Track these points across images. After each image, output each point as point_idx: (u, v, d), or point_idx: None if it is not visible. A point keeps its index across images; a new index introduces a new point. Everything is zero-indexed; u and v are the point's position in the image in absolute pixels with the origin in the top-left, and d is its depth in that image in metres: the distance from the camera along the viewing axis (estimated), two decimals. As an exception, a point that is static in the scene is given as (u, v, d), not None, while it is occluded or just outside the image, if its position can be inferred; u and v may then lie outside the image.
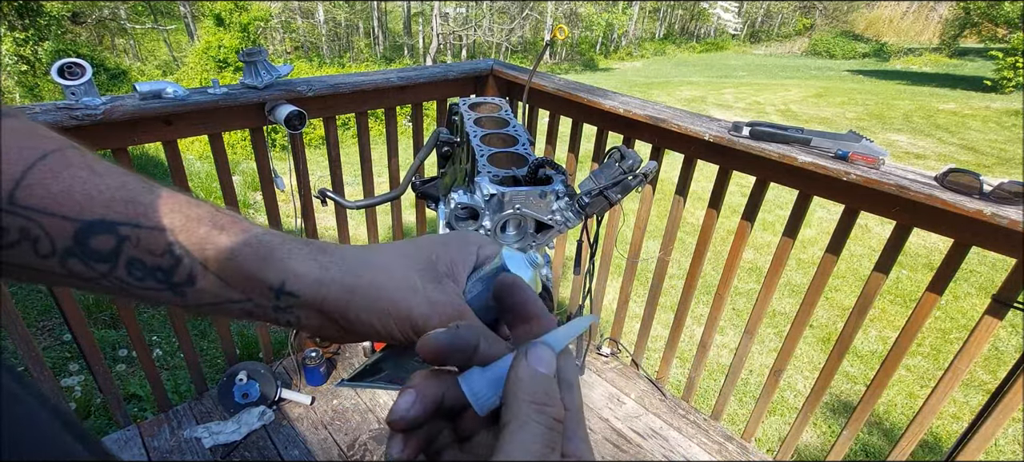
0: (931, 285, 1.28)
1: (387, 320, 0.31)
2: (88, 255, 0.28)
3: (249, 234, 0.31)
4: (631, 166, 1.14)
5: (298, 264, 0.31)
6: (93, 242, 0.28)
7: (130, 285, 0.30)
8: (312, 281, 0.31)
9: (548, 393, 0.25)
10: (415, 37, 24.85)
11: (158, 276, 0.30)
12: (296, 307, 0.31)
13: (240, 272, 0.30)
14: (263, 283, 0.30)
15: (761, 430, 2.66)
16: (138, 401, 2.49)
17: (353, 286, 0.31)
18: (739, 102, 12.96)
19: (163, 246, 0.29)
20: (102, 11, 17.88)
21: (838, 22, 38.31)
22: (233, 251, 0.30)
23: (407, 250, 0.34)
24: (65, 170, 0.28)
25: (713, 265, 4.21)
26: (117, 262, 0.29)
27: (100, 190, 0.28)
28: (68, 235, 0.28)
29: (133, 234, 0.29)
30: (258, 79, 1.50)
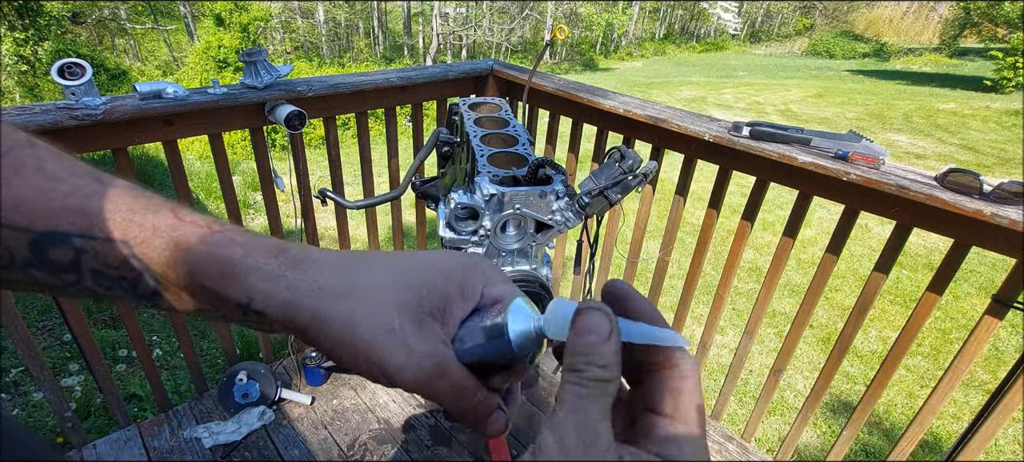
0: (931, 285, 1.28)
1: (357, 359, 0.28)
2: (48, 266, 0.27)
3: (210, 246, 0.28)
4: (631, 166, 1.14)
5: (263, 282, 0.28)
6: (50, 254, 0.27)
7: (102, 294, 0.28)
8: (280, 302, 0.28)
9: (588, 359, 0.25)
10: (415, 37, 24.85)
11: (124, 286, 0.28)
12: (267, 323, 0.29)
13: (203, 288, 0.28)
14: (228, 300, 0.28)
15: (761, 430, 2.66)
16: (138, 401, 2.49)
17: (324, 316, 0.28)
18: (739, 102, 12.96)
19: (119, 259, 0.27)
20: (102, 11, 17.88)
21: (838, 22, 38.31)
22: (193, 268, 0.28)
23: (397, 275, 0.30)
24: (15, 176, 0.26)
25: (713, 265, 4.22)
26: (81, 273, 0.27)
27: (50, 198, 0.27)
28: (23, 246, 0.26)
29: (88, 246, 0.27)
30: (258, 79, 1.50)
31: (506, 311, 0.29)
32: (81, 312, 1.53)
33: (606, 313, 0.26)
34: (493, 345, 0.30)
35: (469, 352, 0.30)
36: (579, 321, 0.26)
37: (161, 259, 0.28)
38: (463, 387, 0.30)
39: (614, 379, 0.25)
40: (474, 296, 0.31)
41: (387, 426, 1.83)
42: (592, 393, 0.24)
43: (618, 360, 0.25)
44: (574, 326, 0.26)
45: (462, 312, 0.31)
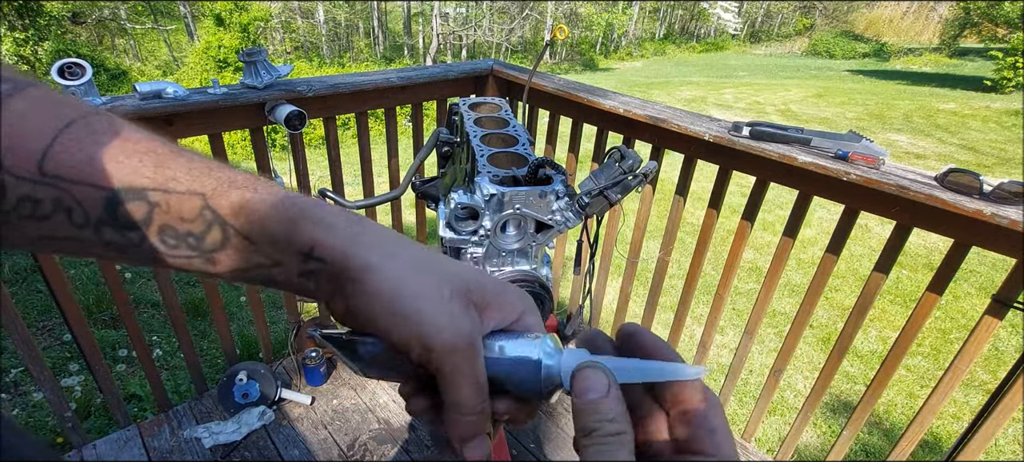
0: (931, 285, 1.28)
1: (395, 316, 0.29)
2: (120, 224, 0.28)
3: (281, 196, 0.30)
4: (631, 166, 1.14)
5: (326, 231, 0.29)
6: (123, 209, 0.28)
7: (163, 253, 0.29)
8: (339, 251, 0.29)
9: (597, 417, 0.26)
10: (415, 37, 24.85)
11: (190, 242, 0.29)
12: (320, 274, 0.30)
13: (270, 234, 0.29)
14: (292, 245, 0.29)
15: (761, 430, 2.66)
16: (138, 401, 2.49)
17: (378, 267, 0.29)
18: (739, 102, 12.96)
19: (195, 210, 0.28)
20: (102, 11, 17.88)
21: (838, 22, 38.31)
22: (265, 214, 0.29)
23: (449, 261, 0.32)
24: (89, 137, 0.27)
25: (713, 265, 4.21)
26: (149, 229, 0.28)
27: (127, 154, 0.28)
28: (99, 204, 0.27)
29: (163, 200, 0.28)
30: (258, 79, 1.50)
31: (540, 348, 0.30)
32: (81, 312, 1.53)
33: (600, 369, 0.27)
34: (520, 371, 0.30)
35: (496, 365, 0.30)
36: (577, 383, 0.27)
37: (232, 209, 0.29)
38: (481, 380, 0.30)
39: (626, 430, 0.26)
40: (511, 314, 0.32)
41: (387, 426, 1.83)
42: (611, 448, 0.26)
43: (624, 410, 0.26)
44: (573, 388, 0.27)
45: (496, 322, 0.31)
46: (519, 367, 0.30)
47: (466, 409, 0.29)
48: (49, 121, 0.27)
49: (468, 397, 0.29)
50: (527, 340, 0.30)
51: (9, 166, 0.26)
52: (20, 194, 0.27)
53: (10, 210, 0.27)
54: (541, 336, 0.30)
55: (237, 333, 3.15)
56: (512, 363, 0.30)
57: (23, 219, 0.27)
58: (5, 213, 0.27)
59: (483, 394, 0.30)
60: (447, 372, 0.29)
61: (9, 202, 0.27)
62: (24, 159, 0.26)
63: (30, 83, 0.28)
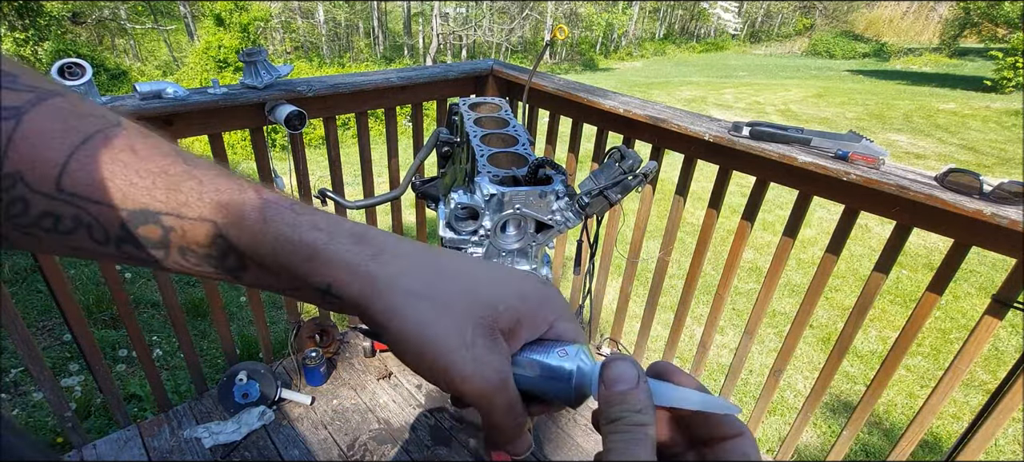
0: (931, 285, 1.28)
1: (422, 360, 0.29)
2: (139, 243, 0.28)
3: (295, 230, 0.29)
4: (631, 166, 1.14)
5: (342, 271, 0.29)
6: (141, 231, 0.28)
7: (188, 268, 0.30)
8: (356, 292, 0.29)
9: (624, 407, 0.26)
10: (415, 37, 24.85)
11: (211, 262, 0.30)
12: (343, 307, 0.30)
13: (285, 270, 0.29)
14: (308, 282, 0.29)
15: (761, 430, 2.65)
16: (138, 401, 2.49)
17: (398, 312, 0.28)
18: (739, 102, 12.96)
19: (209, 237, 0.29)
20: (102, 11, 17.88)
21: (838, 22, 38.31)
22: (277, 250, 0.29)
23: (478, 290, 0.30)
24: (107, 154, 0.27)
25: (713, 265, 4.21)
26: (169, 249, 0.29)
27: (141, 175, 0.28)
28: (117, 223, 0.28)
29: (177, 225, 0.28)
30: (258, 79, 1.50)
31: (574, 359, 0.30)
32: (81, 312, 1.53)
33: (631, 361, 0.28)
34: (553, 386, 0.30)
35: (528, 381, 0.30)
36: (607, 373, 0.27)
37: (247, 240, 0.29)
38: (515, 406, 0.30)
39: (651, 423, 0.26)
40: (543, 326, 0.32)
41: (387, 426, 1.83)
42: (635, 437, 0.26)
43: (651, 404, 0.27)
44: (603, 378, 0.28)
45: (528, 336, 0.31)
46: (550, 382, 0.30)
47: (503, 432, 0.30)
48: (68, 136, 0.27)
49: (503, 423, 0.30)
50: (558, 352, 0.30)
51: (29, 181, 0.26)
52: (41, 209, 0.27)
53: (33, 224, 0.27)
54: (574, 346, 0.30)
55: (237, 333, 3.15)
56: (543, 379, 0.30)
57: (47, 233, 0.27)
58: (29, 227, 0.27)
59: (517, 414, 0.30)
60: (479, 409, 0.30)
61: (31, 217, 0.27)
62: (43, 175, 0.26)
63: (54, 92, 0.28)
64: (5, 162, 0.26)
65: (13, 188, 0.26)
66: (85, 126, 0.28)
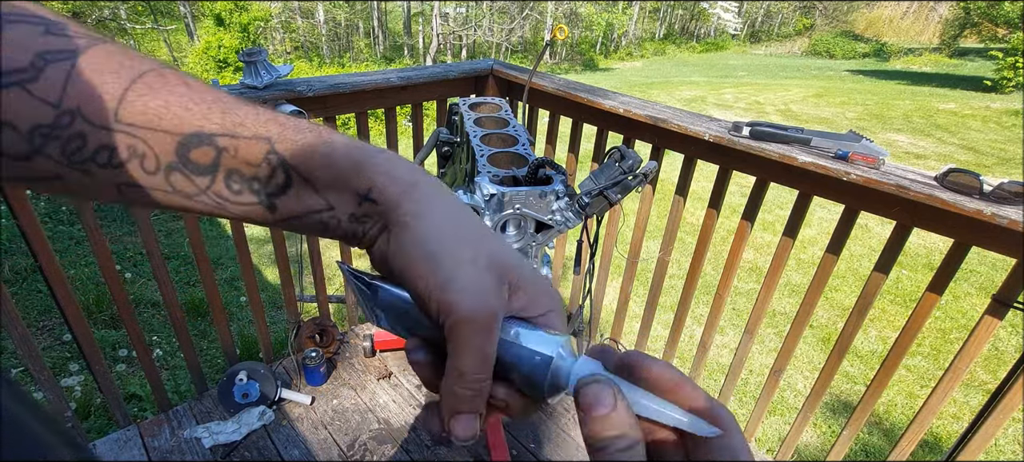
0: (931, 285, 1.28)
1: (429, 264, 0.29)
2: (190, 168, 0.29)
3: (341, 142, 0.31)
4: (631, 166, 1.14)
5: (386, 178, 0.31)
6: (193, 154, 0.29)
7: (227, 199, 0.30)
8: (395, 196, 0.30)
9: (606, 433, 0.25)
10: (415, 37, 24.85)
11: (254, 186, 0.30)
12: (371, 216, 0.31)
13: (331, 177, 0.30)
14: (351, 187, 0.31)
15: (761, 430, 2.66)
16: (138, 401, 2.49)
17: (427, 215, 0.30)
18: (739, 102, 12.97)
19: (260, 155, 0.30)
20: (102, 11, 17.88)
21: (838, 22, 38.33)
22: (328, 157, 0.30)
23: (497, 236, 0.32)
24: (162, 86, 0.29)
25: (713, 265, 4.22)
26: (216, 174, 0.30)
27: (197, 102, 0.29)
28: (170, 149, 0.29)
29: (231, 144, 0.29)
30: (258, 79, 1.50)
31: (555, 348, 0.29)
32: (81, 312, 1.53)
33: (605, 382, 0.26)
34: (531, 366, 0.29)
35: (509, 348, 0.30)
36: (582, 399, 0.26)
37: (297, 152, 0.30)
38: (488, 357, 0.29)
39: (637, 442, 0.25)
40: (538, 308, 0.31)
41: (387, 426, 1.83)
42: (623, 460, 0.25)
43: (633, 421, 0.26)
44: (578, 403, 0.26)
45: (523, 309, 0.31)
46: (530, 359, 0.29)
47: (466, 379, 0.29)
48: (123, 72, 0.28)
49: (471, 367, 0.29)
50: (544, 335, 0.30)
51: (88, 115, 0.27)
52: (98, 143, 0.28)
53: (89, 159, 0.28)
54: (561, 336, 0.30)
55: (237, 333, 3.15)
56: (524, 352, 0.29)
57: (100, 167, 0.29)
58: (85, 163, 0.28)
59: (487, 370, 0.29)
60: (458, 337, 0.28)
61: (88, 151, 0.28)
62: (100, 108, 0.28)
63: (104, 39, 0.29)
64: (64, 100, 0.27)
65: (72, 124, 0.27)
66: (138, 65, 0.29)
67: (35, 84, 0.26)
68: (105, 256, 1.51)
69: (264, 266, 4.22)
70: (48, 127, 0.27)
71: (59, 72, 0.27)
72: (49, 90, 0.27)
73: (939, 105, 12.55)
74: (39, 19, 0.28)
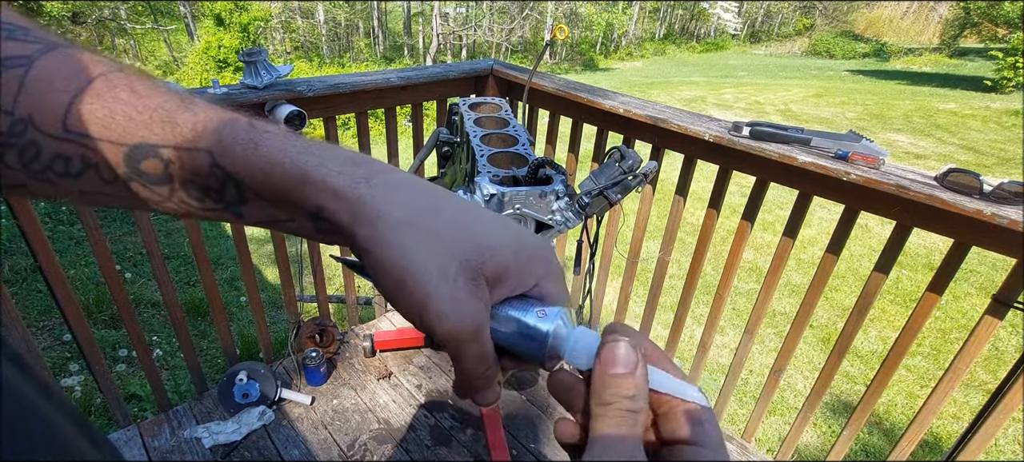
0: (931, 285, 1.28)
1: (400, 291, 0.28)
2: (144, 178, 0.29)
3: (284, 154, 0.29)
4: (631, 166, 1.14)
5: (332, 195, 0.28)
6: (143, 165, 0.28)
7: (194, 206, 0.30)
8: (346, 217, 0.28)
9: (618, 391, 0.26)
10: (415, 37, 24.85)
11: (213, 196, 0.30)
12: (332, 231, 0.30)
13: (278, 195, 0.29)
14: (301, 208, 0.29)
15: (761, 430, 2.66)
16: (138, 401, 2.49)
17: (384, 237, 0.28)
18: (739, 102, 12.97)
19: (206, 166, 0.29)
20: (102, 11, 17.87)
21: (838, 22, 38.33)
22: (269, 173, 0.28)
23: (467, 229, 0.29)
24: (108, 93, 0.28)
25: (713, 265, 4.21)
26: (172, 184, 0.29)
27: (139, 111, 0.28)
28: (121, 161, 0.28)
29: (175, 156, 0.28)
30: (258, 79, 1.50)
31: (551, 321, 0.29)
32: (81, 312, 1.53)
33: (632, 344, 0.27)
34: (526, 344, 0.30)
35: (503, 336, 0.30)
36: (606, 353, 0.27)
37: (240, 166, 0.29)
38: (487, 357, 0.30)
39: (644, 409, 0.26)
40: (529, 281, 0.31)
41: (387, 426, 1.83)
42: (626, 423, 0.25)
43: (647, 390, 0.26)
44: (600, 357, 0.27)
45: (512, 289, 0.30)
46: (524, 340, 0.30)
47: (472, 378, 0.30)
48: (73, 80, 0.28)
49: (473, 369, 0.30)
50: (537, 312, 0.30)
51: (39, 124, 0.27)
52: (52, 153, 0.28)
53: (46, 168, 0.28)
54: (555, 308, 0.30)
55: (237, 333, 3.15)
56: (517, 337, 0.30)
57: (59, 177, 0.28)
58: (44, 172, 0.28)
59: (488, 362, 0.30)
60: (450, 350, 0.29)
61: (43, 161, 0.28)
62: (50, 117, 0.27)
63: (63, 43, 0.29)
64: (17, 108, 0.27)
65: (25, 133, 0.27)
66: (92, 70, 0.28)
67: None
68: (105, 256, 1.51)
69: (264, 266, 4.22)
70: (4, 135, 0.27)
71: (13, 79, 0.27)
72: (4, 97, 0.27)
73: (939, 105, 12.55)
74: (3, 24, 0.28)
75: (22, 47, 0.28)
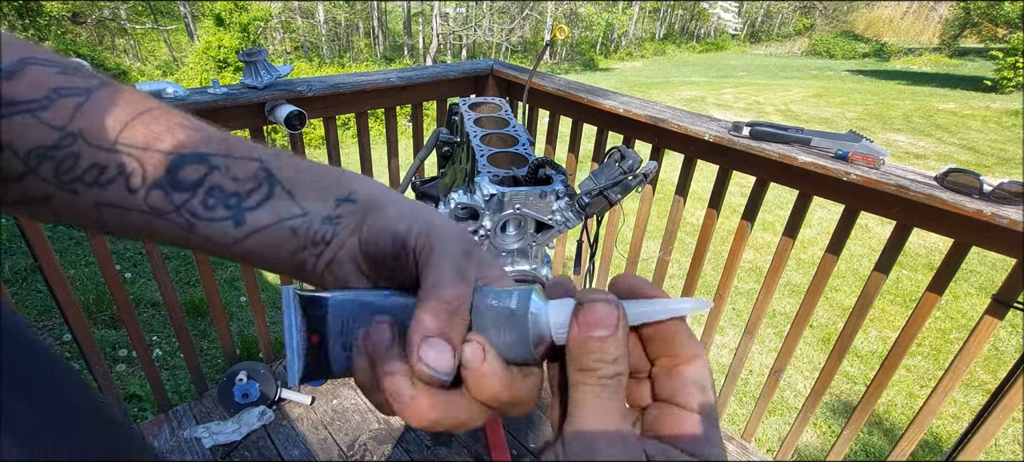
0: (931, 285, 1.28)
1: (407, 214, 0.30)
2: (173, 184, 0.31)
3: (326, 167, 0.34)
4: (631, 166, 1.14)
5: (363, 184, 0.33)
6: (183, 172, 0.31)
7: (196, 218, 0.31)
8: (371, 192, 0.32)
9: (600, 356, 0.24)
10: (415, 37, 24.85)
11: (230, 202, 0.31)
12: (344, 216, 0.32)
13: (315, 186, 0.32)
14: (332, 193, 0.32)
15: (761, 430, 2.66)
16: (138, 401, 2.49)
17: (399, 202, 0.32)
18: (739, 102, 12.97)
19: (251, 171, 0.32)
20: (102, 11, 17.87)
21: (838, 22, 38.33)
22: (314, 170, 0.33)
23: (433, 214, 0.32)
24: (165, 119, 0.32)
25: (713, 265, 4.22)
26: (197, 190, 0.31)
27: (198, 132, 0.32)
28: (161, 166, 0.31)
29: (223, 163, 0.31)
30: (258, 79, 1.50)
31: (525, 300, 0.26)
32: (81, 312, 1.53)
33: (612, 302, 0.24)
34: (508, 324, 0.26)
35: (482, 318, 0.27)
36: (584, 315, 0.24)
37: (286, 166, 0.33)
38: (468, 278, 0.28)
39: (626, 372, 0.24)
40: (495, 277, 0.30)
41: (387, 426, 1.83)
42: (608, 390, 0.24)
43: (627, 350, 0.24)
44: (579, 319, 0.24)
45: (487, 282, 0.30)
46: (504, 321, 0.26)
47: (445, 298, 0.26)
48: (132, 106, 0.31)
49: (450, 283, 0.26)
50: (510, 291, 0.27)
51: (89, 137, 0.29)
52: (90, 162, 0.30)
53: (78, 178, 0.30)
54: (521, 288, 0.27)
55: (237, 333, 3.15)
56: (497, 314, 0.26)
57: (87, 186, 0.30)
58: (74, 182, 0.30)
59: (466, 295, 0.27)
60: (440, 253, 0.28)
61: (78, 170, 0.30)
62: (104, 131, 0.30)
63: (119, 84, 0.32)
64: (70, 124, 0.29)
65: (72, 145, 0.29)
66: (149, 103, 0.32)
67: (45, 112, 0.29)
68: (105, 256, 1.51)
69: (264, 266, 4.21)
70: (48, 148, 0.29)
71: (70, 104, 0.29)
72: (57, 117, 0.29)
73: (939, 105, 12.55)
74: (56, 62, 0.30)
75: (80, 80, 0.30)
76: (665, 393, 0.26)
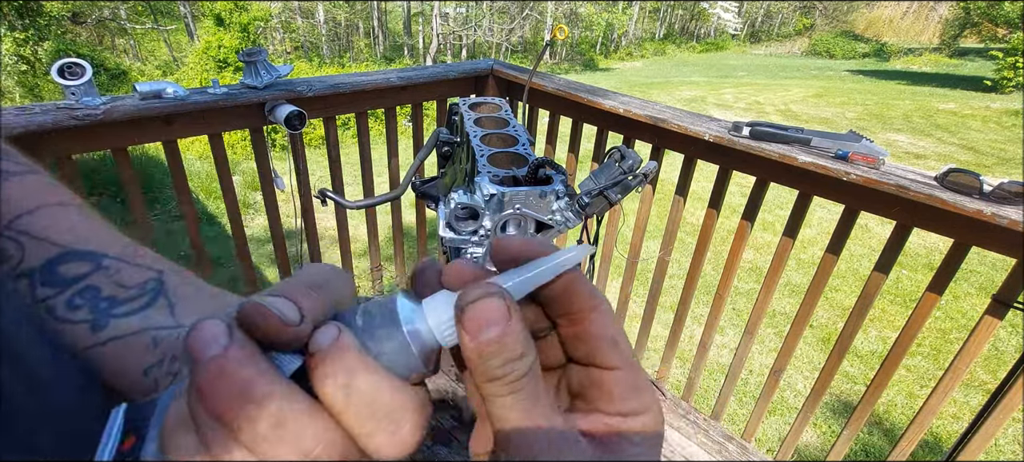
0: (931, 285, 1.28)
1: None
2: (45, 279, 0.30)
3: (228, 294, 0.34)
4: (631, 166, 1.14)
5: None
6: (63, 267, 0.30)
7: (54, 315, 0.29)
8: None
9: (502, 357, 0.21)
10: (415, 37, 24.85)
11: (100, 306, 0.30)
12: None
13: (200, 306, 0.32)
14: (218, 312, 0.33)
15: (761, 430, 2.66)
16: (138, 401, 2.48)
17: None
18: (739, 102, 12.97)
19: (141, 279, 0.32)
20: (102, 11, 17.87)
21: (838, 22, 38.34)
22: (214, 294, 0.33)
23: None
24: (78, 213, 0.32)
25: (713, 265, 4.22)
26: (66, 289, 0.30)
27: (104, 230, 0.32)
28: (42, 257, 0.30)
29: (115, 266, 0.31)
30: (258, 79, 1.50)
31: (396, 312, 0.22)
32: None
33: (493, 291, 0.21)
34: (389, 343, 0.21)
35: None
36: (468, 320, 0.21)
37: (184, 288, 0.33)
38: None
39: (533, 361, 0.21)
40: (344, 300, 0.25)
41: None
42: (526, 391, 0.21)
43: (527, 336, 0.21)
44: (465, 327, 0.21)
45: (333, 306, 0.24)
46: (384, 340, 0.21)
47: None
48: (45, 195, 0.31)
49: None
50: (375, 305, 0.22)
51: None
52: None
53: None
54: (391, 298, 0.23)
55: (237, 333, 3.15)
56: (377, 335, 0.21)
57: None
58: None
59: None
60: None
61: None
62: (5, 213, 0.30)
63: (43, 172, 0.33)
64: None
65: None
66: (66, 197, 0.32)
67: None
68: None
69: (264, 266, 4.22)
70: None
71: None
72: None
73: (939, 105, 12.55)
74: None
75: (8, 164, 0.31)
76: (580, 355, 0.24)
